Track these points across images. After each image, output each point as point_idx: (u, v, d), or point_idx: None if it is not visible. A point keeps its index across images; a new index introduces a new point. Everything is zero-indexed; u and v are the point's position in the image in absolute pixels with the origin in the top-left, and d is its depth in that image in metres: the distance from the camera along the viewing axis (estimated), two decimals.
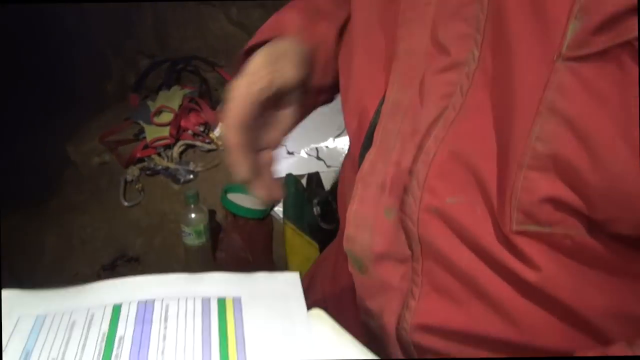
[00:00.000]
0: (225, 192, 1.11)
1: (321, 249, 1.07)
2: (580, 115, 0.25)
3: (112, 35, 1.47)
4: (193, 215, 0.98)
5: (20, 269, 1.13)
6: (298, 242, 1.01)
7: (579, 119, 0.25)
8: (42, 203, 1.25)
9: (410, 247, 0.34)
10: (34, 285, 0.42)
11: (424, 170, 0.31)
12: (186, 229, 0.99)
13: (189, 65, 1.36)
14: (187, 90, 1.28)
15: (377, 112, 0.34)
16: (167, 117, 1.24)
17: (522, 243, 0.29)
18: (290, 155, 1.16)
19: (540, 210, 0.28)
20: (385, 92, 0.34)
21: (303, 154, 1.15)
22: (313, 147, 1.15)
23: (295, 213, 1.04)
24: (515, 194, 0.28)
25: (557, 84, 0.26)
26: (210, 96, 1.33)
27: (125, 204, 1.20)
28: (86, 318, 0.38)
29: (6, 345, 0.36)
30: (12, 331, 0.36)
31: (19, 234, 1.18)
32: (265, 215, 1.13)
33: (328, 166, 1.14)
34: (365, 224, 0.35)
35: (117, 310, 0.38)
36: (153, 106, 1.27)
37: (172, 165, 1.23)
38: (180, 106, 1.25)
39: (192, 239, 0.99)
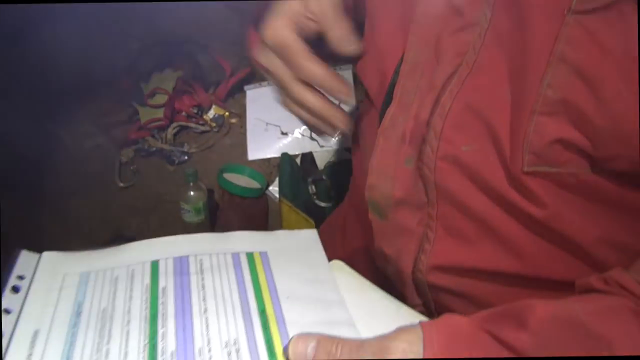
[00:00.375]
0: (222, 172, 1.14)
1: (317, 226, 1.11)
2: (587, 63, 0.29)
3: (100, 18, 1.46)
4: (192, 193, 1.00)
5: (16, 251, 1.13)
6: (294, 219, 1.04)
7: (586, 66, 0.29)
8: (36, 186, 1.25)
9: (426, 194, 0.38)
10: None
11: (440, 122, 0.35)
12: (185, 206, 1.01)
13: (181, 48, 1.37)
14: (180, 73, 1.29)
15: (396, 72, 0.37)
16: (161, 99, 1.25)
17: (531, 183, 0.32)
18: (285, 136, 1.19)
19: (550, 152, 0.31)
20: (403, 53, 0.37)
21: (297, 134, 1.18)
22: (307, 128, 1.18)
23: (291, 191, 1.07)
24: (527, 138, 0.31)
25: (566, 36, 0.29)
26: (203, 79, 1.34)
27: (121, 184, 1.22)
28: (127, 273, 0.41)
29: (58, 299, 0.38)
30: (61, 286, 0.39)
31: (13, 217, 1.18)
32: (260, 194, 1.15)
33: (321, 146, 1.17)
34: (386, 173, 0.38)
35: (155, 265, 0.41)
36: (146, 88, 1.28)
37: (166, 147, 1.24)
38: (173, 88, 1.26)
39: (191, 216, 1.01)
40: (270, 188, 1.16)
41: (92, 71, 1.43)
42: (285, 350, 0.33)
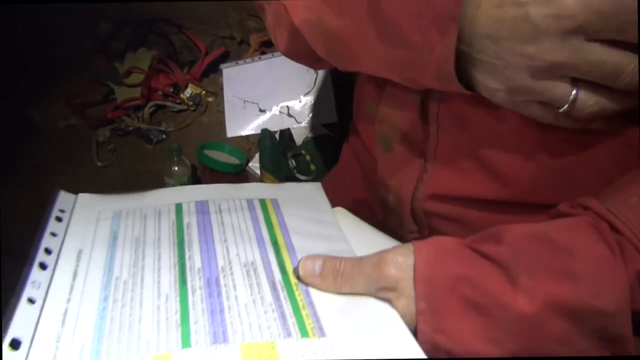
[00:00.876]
0: (202, 148, 1.16)
1: None
2: None
3: None
4: (176, 168, 1.03)
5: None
6: None
7: None
8: (11, 167, 1.24)
9: (429, 129, 0.43)
10: (15, 247, 0.49)
11: None
12: (170, 181, 1.03)
13: (154, 27, 1.37)
14: (155, 52, 1.30)
15: None
16: (137, 78, 1.26)
17: (513, 114, 0.38)
18: (262, 113, 1.22)
19: None
20: None
21: (275, 111, 1.21)
22: (284, 105, 1.21)
23: (273, 165, 1.11)
24: None
25: None
26: (177, 58, 1.35)
27: (99, 164, 1.22)
28: (155, 212, 0.46)
29: (95, 227, 0.44)
30: (97, 219, 0.45)
31: None
32: (241, 170, 1.18)
33: (298, 122, 1.21)
34: (396, 107, 0.44)
35: (179, 207, 0.47)
36: (121, 68, 1.28)
37: (143, 126, 1.25)
38: (149, 67, 1.26)
39: None
40: (250, 164, 1.19)
41: (63, 51, 1.42)
42: (296, 269, 0.38)
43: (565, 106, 0.33)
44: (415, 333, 0.34)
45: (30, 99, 1.32)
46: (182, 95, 1.28)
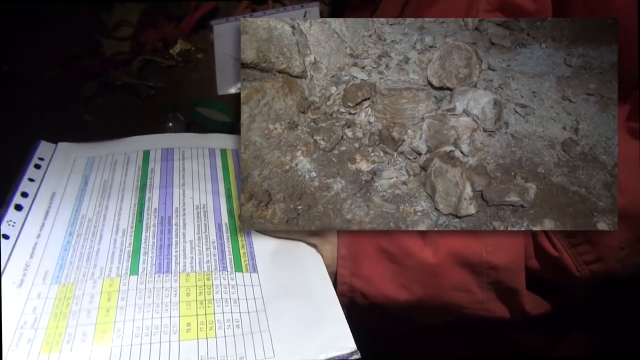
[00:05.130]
0: (195, 105, 1.16)
1: None
2: None
3: None
4: (171, 125, 1.03)
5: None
6: None
7: None
8: None
9: None
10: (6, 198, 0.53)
11: None
12: None
13: None
14: (143, 5, 1.27)
15: None
16: (125, 31, 1.24)
17: None
18: None
19: None
20: None
21: None
22: None
23: None
24: None
25: None
26: (166, 12, 1.32)
27: (88, 118, 1.21)
28: (124, 158, 0.53)
29: (70, 173, 0.50)
30: (72, 165, 0.52)
31: None
32: (232, 128, 1.19)
33: None
34: None
35: (146, 153, 0.53)
36: (109, 20, 1.25)
37: (132, 81, 1.24)
38: (138, 20, 1.24)
39: None
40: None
41: (48, 2, 1.37)
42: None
43: None
44: (336, 276, 0.40)
45: (15, 50, 1.28)
46: (171, 51, 1.27)
